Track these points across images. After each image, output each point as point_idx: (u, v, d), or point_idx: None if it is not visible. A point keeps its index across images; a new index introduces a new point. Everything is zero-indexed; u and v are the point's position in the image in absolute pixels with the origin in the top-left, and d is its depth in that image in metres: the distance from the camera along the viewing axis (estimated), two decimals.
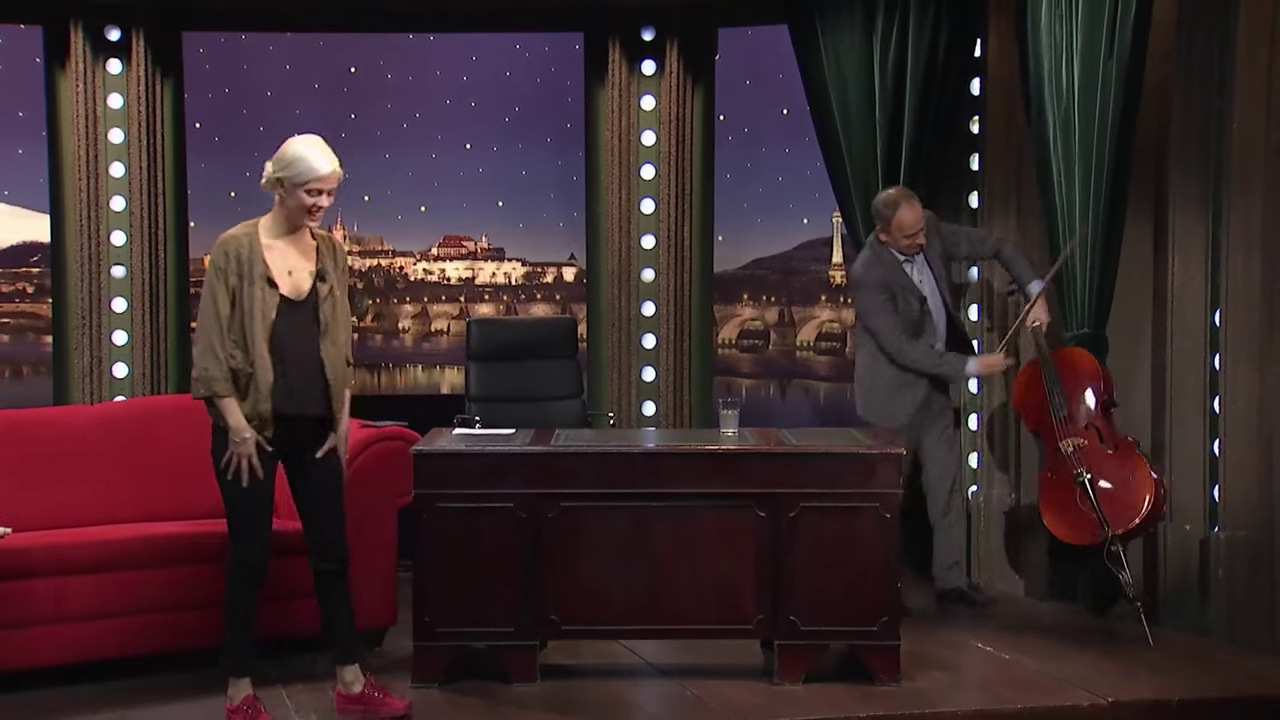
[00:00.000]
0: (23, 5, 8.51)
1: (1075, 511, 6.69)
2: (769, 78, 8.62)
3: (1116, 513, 6.60)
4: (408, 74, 8.98)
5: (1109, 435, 6.78)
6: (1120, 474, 6.69)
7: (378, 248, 9.12)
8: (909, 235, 6.99)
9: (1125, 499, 6.64)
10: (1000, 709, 5.79)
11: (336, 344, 5.45)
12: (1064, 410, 6.83)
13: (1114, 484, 6.68)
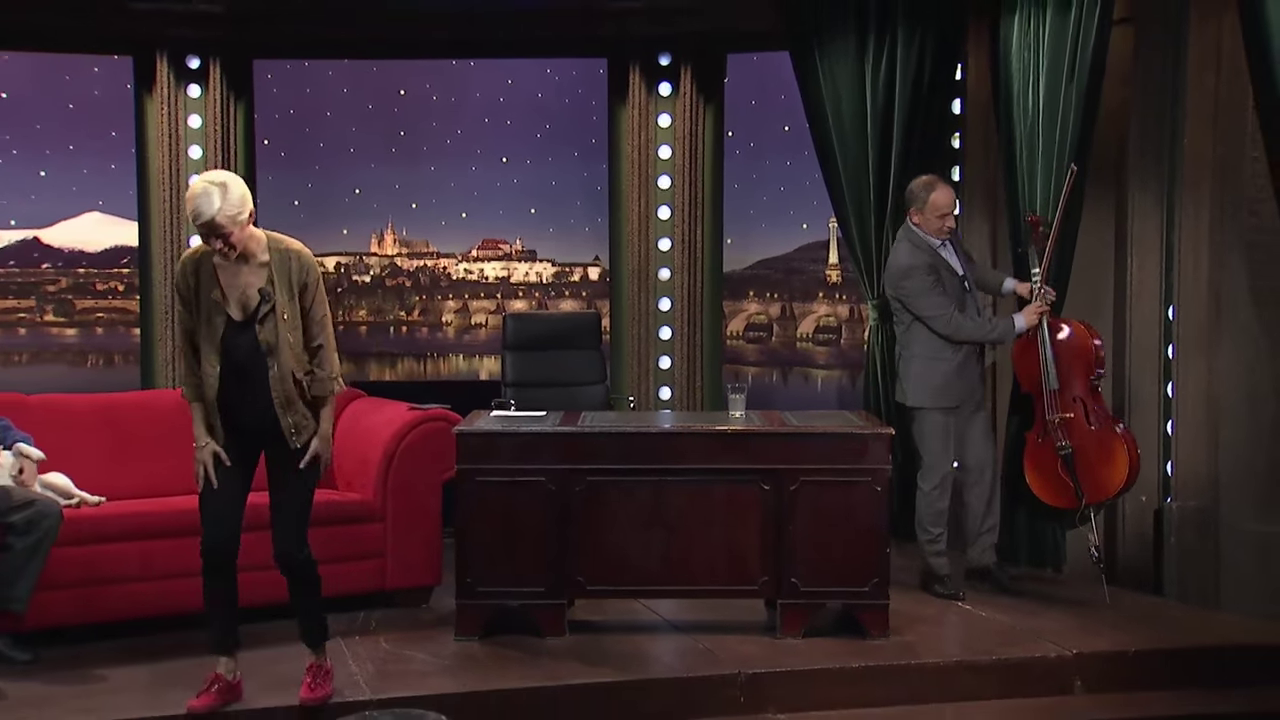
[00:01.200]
0: (115, 39, 8.54)
1: (1055, 477, 6.55)
2: (772, 98, 8.59)
3: (1092, 486, 6.47)
4: (451, 96, 8.97)
5: (1094, 412, 6.56)
6: (1100, 452, 6.49)
7: (424, 250, 9.11)
8: (941, 215, 6.65)
9: (1102, 475, 6.49)
10: (977, 660, 5.80)
11: (281, 363, 4.99)
12: (1055, 384, 6.57)
13: (1093, 460, 6.48)
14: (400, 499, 6.54)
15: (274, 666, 5.59)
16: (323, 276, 8.81)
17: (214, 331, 4.94)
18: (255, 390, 5.00)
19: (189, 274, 4.95)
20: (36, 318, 8.72)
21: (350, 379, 8.58)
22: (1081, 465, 6.48)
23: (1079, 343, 6.60)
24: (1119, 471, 6.47)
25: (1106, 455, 6.48)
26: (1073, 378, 6.57)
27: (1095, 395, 6.61)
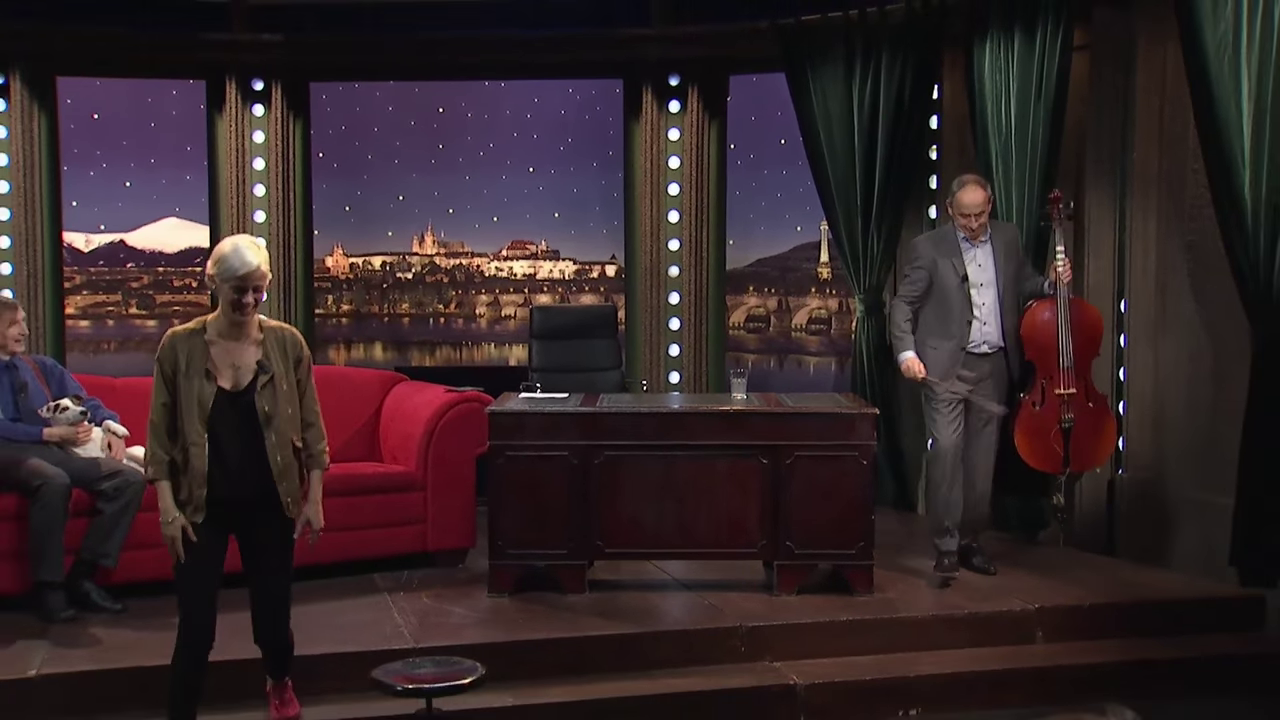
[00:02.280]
0: (191, 66, 8.59)
1: (1046, 444, 6.27)
2: (770, 115, 8.61)
3: (1081, 458, 6.30)
4: (484, 113, 8.99)
5: (1092, 390, 6.34)
6: (1094, 426, 6.30)
7: (460, 250, 9.13)
8: (965, 215, 6.17)
9: (1092, 449, 6.33)
10: (950, 613, 5.82)
11: (279, 432, 4.45)
12: (1069, 362, 6.21)
13: (1088, 434, 6.27)
14: (439, 471, 6.57)
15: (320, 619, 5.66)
16: (370, 274, 8.98)
17: (204, 403, 4.36)
18: (248, 461, 4.43)
19: (177, 351, 4.39)
20: (122, 310, 8.78)
21: (393, 365, 8.67)
22: (1076, 438, 6.25)
23: (1093, 323, 6.32)
24: (1106, 448, 6.41)
25: (1098, 432, 6.32)
26: (1082, 356, 6.28)
27: (1090, 374, 6.42)
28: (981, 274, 6.26)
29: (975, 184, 6.23)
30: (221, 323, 4.41)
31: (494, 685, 4.41)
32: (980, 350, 6.29)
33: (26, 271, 8.38)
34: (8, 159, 8.36)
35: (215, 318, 4.44)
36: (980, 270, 6.26)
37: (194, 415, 4.34)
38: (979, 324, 6.25)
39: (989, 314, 6.27)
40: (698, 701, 5.20)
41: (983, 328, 6.27)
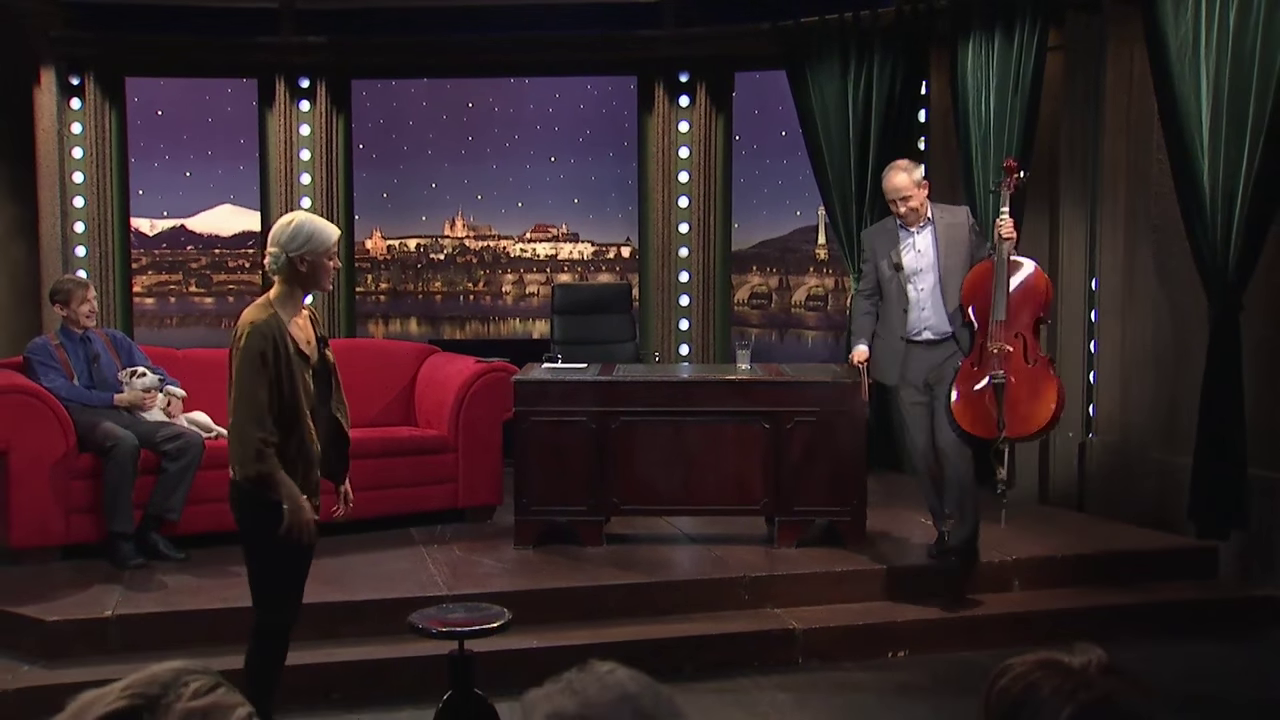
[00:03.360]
0: (244, 66, 8.60)
1: (981, 406, 5.51)
2: (772, 108, 8.58)
3: (1015, 420, 5.49)
4: (510, 107, 8.97)
5: (1033, 349, 5.58)
6: (1030, 387, 5.52)
7: (487, 233, 9.12)
8: (891, 200, 5.65)
9: (1028, 411, 5.52)
10: (935, 564, 5.84)
11: (344, 403, 4.19)
12: (1002, 315, 5.52)
13: (1022, 395, 5.49)
14: (469, 434, 6.60)
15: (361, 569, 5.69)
16: (405, 256, 8.99)
17: (308, 385, 3.98)
18: (329, 438, 4.12)
19: (274, 337, 3.88)
20: (183, 289, 8.81)
21: (426, 338, 8.69)
22: (1010, 399, 5.48)
23: (1033, 282, 5.60)
24: (1044, 411, 5.52)
25: (1035, 393, 5.52)
26: (1020, 314, 5.55)
27: (1037, 337, 5.70)
28: (919, 260, 5.66)
29: (897, 168, 5.69)
30: (288, 301, 4.00)
31: (520, 629, 4.43)
32: (923, 338, 5.68)
33: (99, 253, 8.43)
34: (82, 152, 8.40)
35: (278, 297, 3.99)
36: (918, 256, 5.66)
37: (302, 399, 3.94)
38: (917, 311, 5.66)
39: (928, 300, 5.66)
40: (705, 644, 5.24)
41: (921, 314, 5.67)
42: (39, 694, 4.61)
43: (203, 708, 1.24)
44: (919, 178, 5.67)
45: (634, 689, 1.22)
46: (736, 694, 4.98)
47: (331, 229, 4.05)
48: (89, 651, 4.90)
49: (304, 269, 3.96)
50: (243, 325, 3.95)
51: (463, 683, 4.16)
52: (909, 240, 5.70)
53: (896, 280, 5.68)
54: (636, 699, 1.21)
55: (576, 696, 1.21)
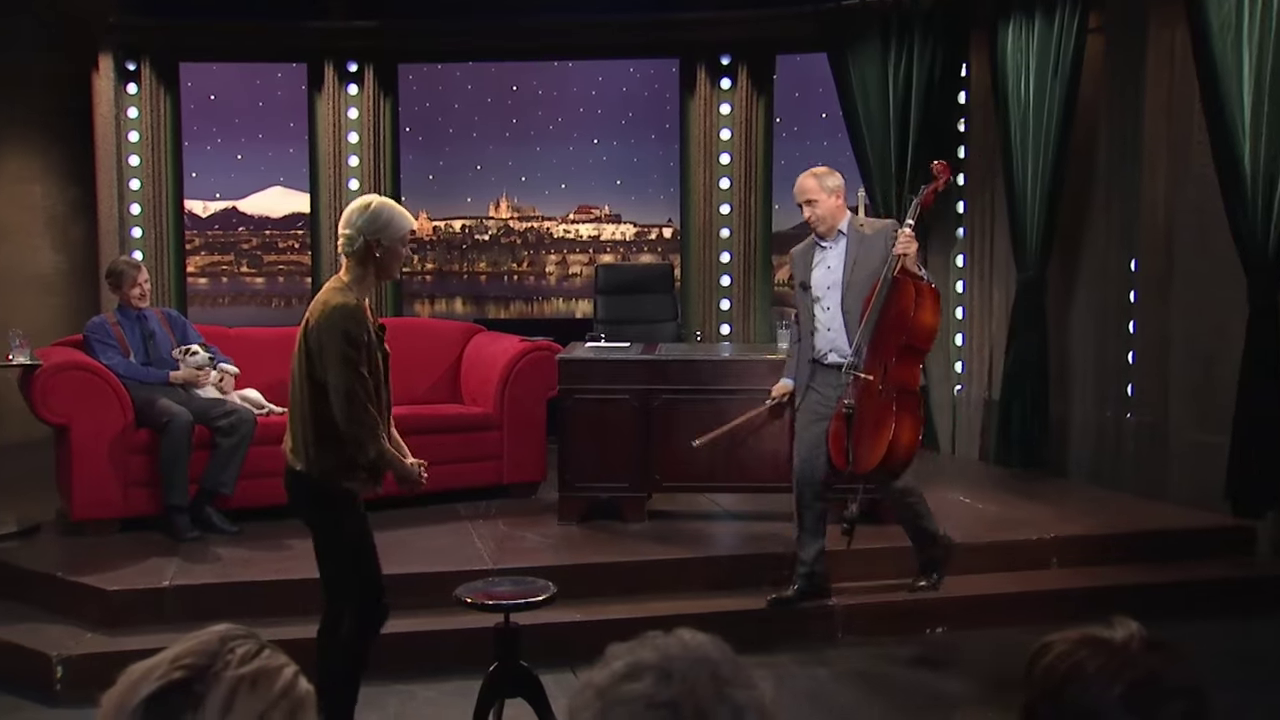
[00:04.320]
0: (294, 51, 8.65)
1: (842, 436, 4.99)
2: (813, 91, 8.53)
3: (858, 454, 4.96)
4: (553, 90, 8.97)
5: (890, 380, 4.89)
6: (875, 421, 4.91)
7: (531, 214, 9.14)
8: (798, 203, 5.15)
9: (867, 448, 4.94)
10: (973, 541, 5.82)
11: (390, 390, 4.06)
12: (867, 338, 4.92)
13: (865, 429, 4.93)
14: (514, 412, 6.63)
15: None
16: (451, 236, 9.03)
17: (386, 372, 3.96)
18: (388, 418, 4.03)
19: (364, 325, 3.81)
20: (234, 269, 8.89)
21: (471, 317, 8.73)
22: (855, 430, 4.95)
23: (904, 306, 4.87)
24: (878, 450, 4.90)
25: (876, 428, 4.92)
26: (887, 339, 4.91)
27: (905, 365, 4.95)
28: (827, 276, 5.11)
29: (807, 172, 5.14)
30: (360, 285, 3.89)
31: (564, 602, 4.46)
32: (829, 360, 5.11)
33: (154, 234, 8.53)
34: (138, 136, 8.50)
35: (353, 281, 3.88)
36: (828, 273, 5.11)
37: (384, 384, 3.91)
38: (823, 331, 5.12)
39: (834, 319, 5.08)
40: (745, 619, 5.24)
41: (827, 334, 5.11)
42: (101, 659, 4.71)
43: (251, 673, 1.27)
44: (832, 185, 5.07)
45: (715, 655, 1.24)
46: (776, 669, 4.99)
47: (408, 216, 3.95)
48: (147, 620, 4.99)
49: (379, 254, 3.86)
50: (326, 308, 3.81)
51: (508, 654, 4.20)
52: (822, 255, 5.16)
53: (806, 298, 5.16)
54: (716, 664, 1.22)
55: (658, 651, 1.23)
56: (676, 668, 1.20)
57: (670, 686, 1.19)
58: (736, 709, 1.19)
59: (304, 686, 1.30)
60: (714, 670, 1.21)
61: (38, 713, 4.67)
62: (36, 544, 5.81)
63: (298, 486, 3.97)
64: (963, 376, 7.91)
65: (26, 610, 5.23)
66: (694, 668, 1.21)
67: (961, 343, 7.93)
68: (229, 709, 1.24)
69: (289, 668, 1.30)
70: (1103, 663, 1.38)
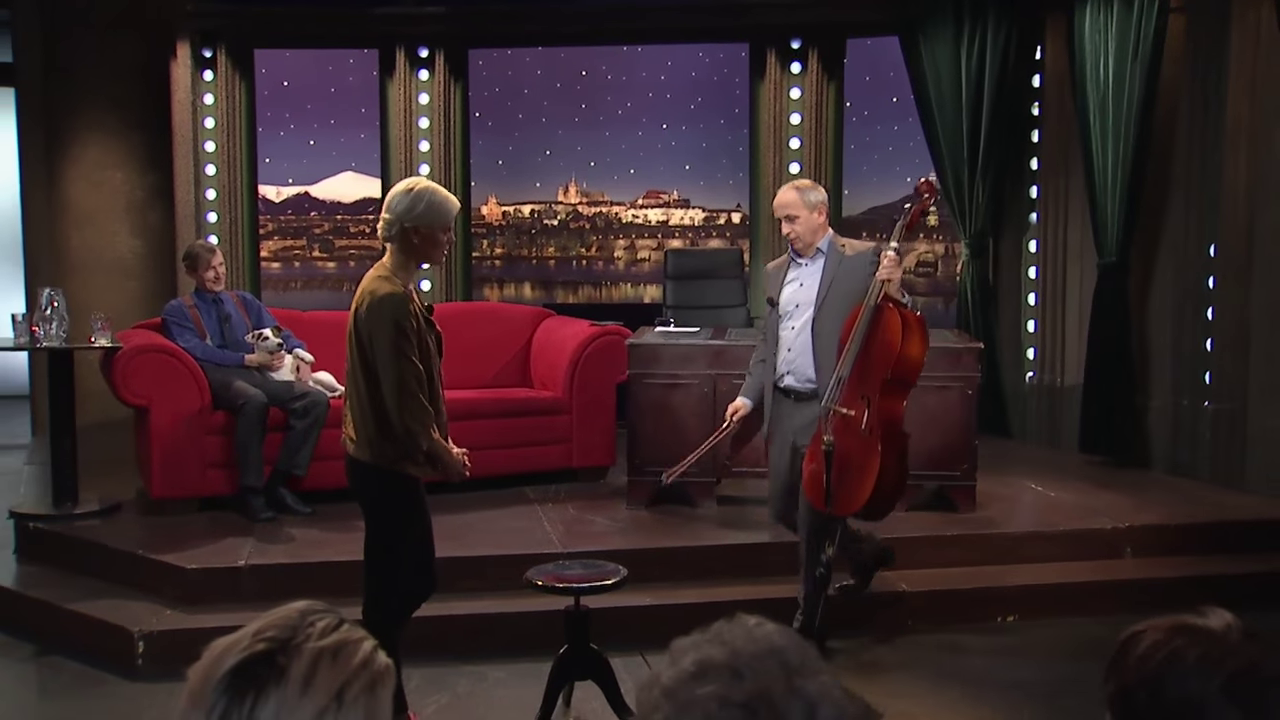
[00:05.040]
0: (365, 37, 8.70)
1: (818, 471, 4.61)
2: (883, 76, 8.45)
3: (839, 496, 4.60)
4: (622, 75, 8.96)
5: (875, 417, 4.56)
6: (858, 460, 4.56)
7: (600, 199, 9.13)
8: (778, 218, 4.87)
9: (850, 489, 4.59)
10: (1046, 530, 5.79)
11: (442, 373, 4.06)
12: (845, 371, 4.59)
13: (848, 468, 4.57)
14: (583, 396, 6.64)
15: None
16: (520, 221, 9.06)
17: (433, 355, 3.95)
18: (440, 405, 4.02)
19: (412, 313, 3.82)
20: (307, 254, 8.98)
21: (539, 302, 8.75)
22: (836, 470, 4.55)
23: (889, 338, 4.57)
24: (860, 493, 4.58)
25: (859, 469, 4.58)
26: (871, 373, 4.59)
27: (891, 401, 4.64)
28: (798, 294, 4.78)
29: (789, 185, 4.87)
30: (404, 271, 3.88)
31: (634, 586, 4.47)
32: (784, 384, 4.81)
33: (229, 219, 8.66)
34: (213, 122, 8.62)
35: (396, 267, 3.87)
36: (799, 290, 4.79)
37: (437, 369, 3.93)
38: (783, 351, 4.82)
39: (796, 340, 4.78)
40: None
41: (787, 354, 4.80)
42: (180, 636, 4.81)
43: (332, 645, 1.29)
44: (814, 200, 4.75)
45: (781, 642, 1.23)
46: (845, 655, 4.97)
47: (453, 203, 3.89)
48: (224, 598, 5.08)
49: (417, 240, 3.83)
50: (371, 296, 3.79)
51: (579, 637, 4.22)
52: (796, 273, 4.86)
53: (774, 317, 4.84)
54: (784, 652, 1.22)
55: (725, 646, 1.22)
56: (745, 664, 1.20)
57: (742, 685, 1.18)
58: (809, 703, 1.18)
59: (383, 660, 1.33)
60: (783, 660, 1.21)
61: (120, 686, 4.78)
62: (118, 522, 5.93)
63: (362, 474, 3.97)
64: (1034, 363, 7.81)
65: (109, 587, 5.34)
66: (762, 660, 1.20)
67: (1034, 329, 7.83)
68: (311, 680, 1.27)
69: (368, 641, 1.33)
70: (1203, 652, 1.35)
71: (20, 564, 5.77)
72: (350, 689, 1.28)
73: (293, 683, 1.26)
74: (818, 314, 4.72)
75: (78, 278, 8.40)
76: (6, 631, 5.27)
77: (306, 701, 1.26)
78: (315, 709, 1.26)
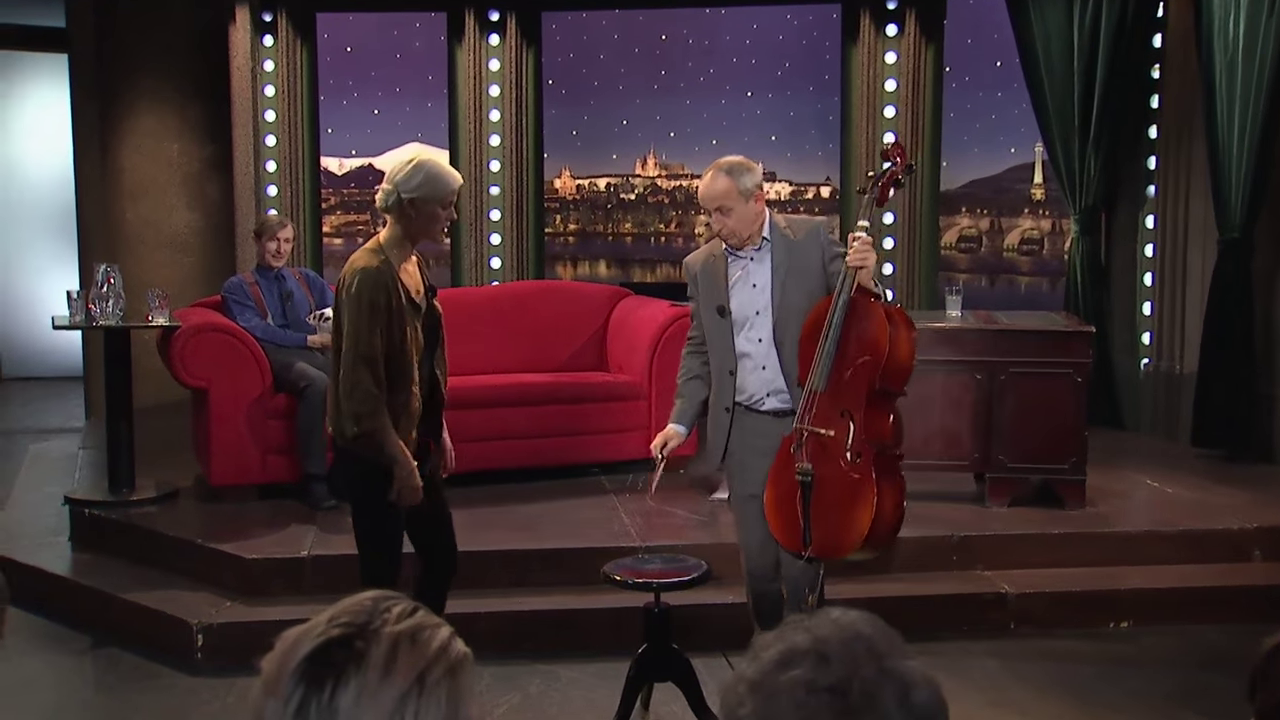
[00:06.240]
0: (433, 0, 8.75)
1: (790, 508, 3.96)
2: (986, 37, 8.33)
3: (821, 536, 3.92)
4: (704, 39, 8.91)
5: (862, 437, 3.89)
6: (842, 493, 3.90)
7: (680, 172, 9.11)
8: (704, 210, 4.15)
9: (836, 527, 3.92)
10: (1164, 529, 5.69)
11: (443, 359, 4.11)
12: (821, 384, 3.91)
13: (831, 503, 3.91)
14: (662, 380, 6.57)
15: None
16: (595, 195, 9.06)
17: (417, 341, 3.92)
18: (430, 393, 4.04)
19: (386, 284, 3.81)
20: (371, 229, 8.99)
21: (616, 282, 8.74)
22: (816, 505, 3.90)
23: (874, 335, 3.90)
24: (853, 531, 3.91)
25: (848, 503, 3.91)
26: (852, 383, 3.91)
27: (878, 415, 3.97)
28: (756, 299, 4.10)
29: (713, 168, 4.05)
30: (398, 246, 3.91)
31: (716, 582, 4.45)
32: (766, 407, 4.14)
33: (289, 193, 8.74)
34: (274, 90, 8.69)
35: (389, 241, 3.92)
36: (754, 294, 4.10)
37: (411, 351, 3.89)
38: (755, 370, 4.12)
39: (769, 355, 4.11)
40: (910, 605, 5.20)
41: (761, 374, 4.12)
42: (240, 628, 4.89)
43: (410, 629, 1.32)
44: (749, 185, 4.02)
45: (868, 630, 1.25)
46: (944, 658, 4.91)
47: (452, 177, 3.93)
48: (285, 590, 5.16)
49: (414, 214, 3.88)
50: (350, 271, 3.86)
51: (658, 635, 4.21)
52: (740, 272, 4.13)
53: (723, 326, 4.15)
54: (870, 638, 1.24)
55: (809, 634, 1.24)
56: (832, 649, 1.21)
57: (830, 669, 1.20)
58: (902, 685, 1.20)
59: (461, 646, 1.35)
60: (870, 645, 1.22)
61: (177, 679, 4.86)
62: (175, 510, 6.04)
63: (336, 457, 4.05)
64: (1150, 349, 7.66)
65: (166, 577, 5.45)
66: (849, 646, 1.22)
67: (1150, 312, 7.68)
68: (392, 664, 1.29)
69: (445, 627, 1.35)
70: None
71: (75, 552, 5.90)
72: (431, 673, 1.30)
73: (373, 667, 1.28)
74: (776, 319, 4.07)
75: (132, 253, 8.56)
76: (61, 622, 5.39)
77: (388, 686, 1.28)
78: (397, 694, 1.28)
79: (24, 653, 5.08)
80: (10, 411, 9.60)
